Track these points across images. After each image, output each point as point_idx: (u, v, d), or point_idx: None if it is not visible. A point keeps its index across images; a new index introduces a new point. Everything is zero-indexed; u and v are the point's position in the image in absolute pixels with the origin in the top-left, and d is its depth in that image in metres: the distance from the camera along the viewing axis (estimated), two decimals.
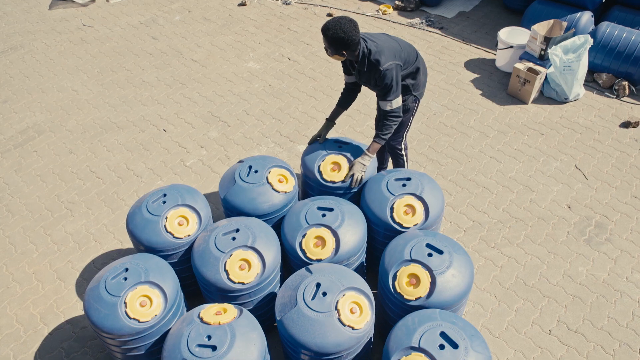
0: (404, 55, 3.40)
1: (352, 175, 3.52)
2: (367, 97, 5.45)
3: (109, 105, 5.63)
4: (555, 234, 4.14)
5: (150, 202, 3.39)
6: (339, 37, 3.13)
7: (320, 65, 6.01)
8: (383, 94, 3.38)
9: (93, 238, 4.27)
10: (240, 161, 3.63)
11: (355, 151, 3.62)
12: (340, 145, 3.65)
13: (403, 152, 4.04)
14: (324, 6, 7.13)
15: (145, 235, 3.29)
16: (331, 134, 5.01)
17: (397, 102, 3.40)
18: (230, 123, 5.29)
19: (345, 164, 3.55)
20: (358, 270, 3.37)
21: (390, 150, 4.06)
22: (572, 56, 5.17)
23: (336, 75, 5.82)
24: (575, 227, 4.19)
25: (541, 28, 5.42)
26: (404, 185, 3.36)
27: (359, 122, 5.20)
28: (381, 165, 4.41)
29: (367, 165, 3.54)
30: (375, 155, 3.63)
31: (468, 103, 5.41)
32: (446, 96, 5.51)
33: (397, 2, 6.97)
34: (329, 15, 6.88)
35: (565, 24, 5.46)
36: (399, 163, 4.12)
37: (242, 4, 7.31)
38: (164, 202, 3.38)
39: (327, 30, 3.14)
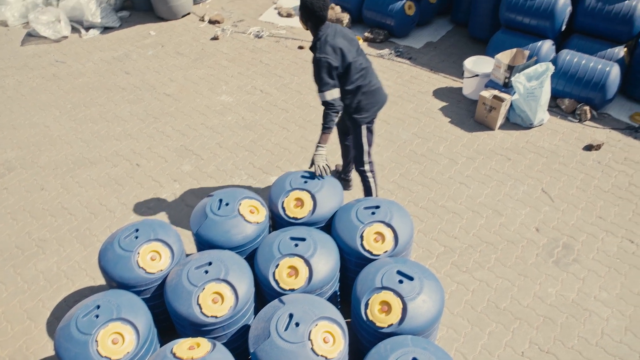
0: (345, 64, 3.61)
1: (317, 167, 3.73)
2: None
3: (82, 140, 5.63)
4: (525, 256, 4.23)
5: (122, 237, 3.38)
6: (305, 4, 3.53)
7: (292, 97, 6.11)
8: (316, 84, 3.65)
9: (65, 276, 4.23)
10: (210, 195, 3.66)
11: (321, 185, 3.66)
12: (305, 180, 3.70)
13: (368, 174, 4.21)
14: (295, 39, 7.28)
15: (117, 271, 3.28)
16: (297, 168, 5.09)
17: (328, 95, 3.59)
18: (204, 156, 5.32)
19: (309, 200, 3.59)
20: (331, 299, 3.39)
21: (358, 174, 4.22)
22: (535, 83, 5.36)
23: (308, 106, 5.92)
24: (544, 249, 4.29)
25: (505, 57, 5.62)
26: (373, 213, 3.42)
27: (330, 153, 5.28)
28: (346, 167, 4.71)
29: (324, 154, 3.74)
30: (326, 144, 3.78)
31: (437, 131, 5.54)
32: (416, 124, 5.64)
33: (366, 34, 7.16)
34: (301, 47, 7.03)
35: (527, 52, 5.67)
36: (366, 185, 4.29)
37: (215, 38, 7.42)
38: (136, 237, 3.38)
39: None
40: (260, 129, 5.65)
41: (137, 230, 3.43)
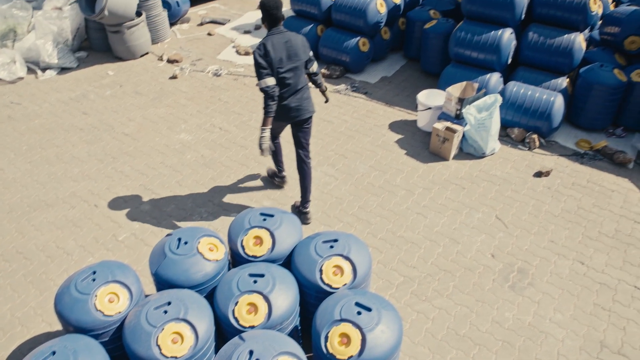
0: (273, 64, 4.16)
1: (261, 148, 4.27)
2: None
3: (38, 182, 5.55)
4: (482, 282, 4.35)
5: (79, 280, 3.34)
6: (261, 4, 4.13)
7: (252, 134, 6.19)
8: None
9: (19, 322, 4.12)
10: (169, 234, 3.66)
11: (279, 223, 3.71)
12: (264, 218, 3.75)
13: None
14: (253, 76, 7.41)
15: (74, 315, 3.22)
16: (257, 205, 5.13)
17: (262, 84, 4.17)
18: (163, 195, 5.32)
19: (267, 238, 3.63)
20: (292, 334, 3.41)
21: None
22: (485, 114, 5.59)
23: None
24: (500, 274, 4.41)
25: (455, 90, 5.85)
26: (331, 247, 3.49)
27: (291, 187, 5.35)
28: (278, 166, 5.21)
29: (267, 135, 4.26)
30: (263, 124, 4.29)
31: (394, 163, 5.69)
32: (373, 157, 5.78)
33: (323, 71, 7.35)
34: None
35: (476, 84, 5.92)
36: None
37: (174, 77, 7.48)
38: (94, 280, 3.35)
39: None
40: (219, 167, 5.68)
41: (94, 272, 3.39)
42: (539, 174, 5.51)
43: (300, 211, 4.94)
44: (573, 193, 5.28)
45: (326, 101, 4.94)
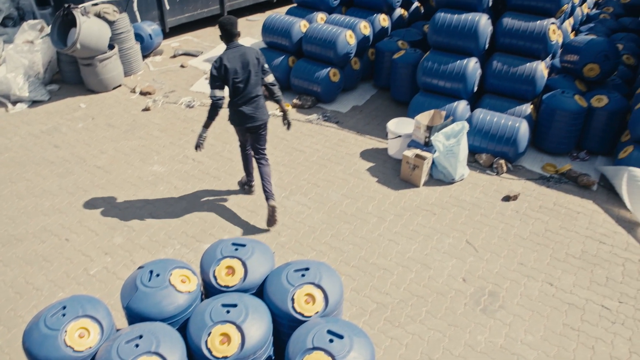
0: (225, 79, 4.78)
1: (197, 145, 4.97)
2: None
3: (7, 217, 5.47)
4: (454, 306, 4.41)
5: (48, 316, 3.30)
6: (219, 22, 4.77)
7: (224, 165, 6.23)
8: None
9: None
10: (140, 267, 3.65)
11: (251, 252, 3.73)
12: (236, 248, 3.77)
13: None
14: (226, 107, 7.46)
15: (43, 352, 3.17)
16: (230, 235, 5.15)
17: (211, 93, 4.83)
18: (136, 227, 5.29)
19: (240, 268, 3.64)
20: None
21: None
22: (453, 141, 5.74)
23: (240, 173, 6.04)
24: (471, 298, 4.49)
25: (423, 118, 6.01)
26: (303, 275, 3.51)
27: (263, 217, 5.38)
28: (248, 177, 5.63)
29: (204, 135, 4.98)
30: (204, 125, 5.00)
31: (365, 190, 5.78)
32: (345, 186, 5.86)
33: (295, 101, 7.46)
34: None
35: (444, 112, 6.09)
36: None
37: (146, 109, 7.51)
38: (64, 315, 3.30)
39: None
40: (192, 198, 5.69)
41: (64, 307, 3.35)
42: (507, 198, 5.65)
43: (271, 207, 5.15)
44: (540, 216, 5.42)
45: (288, 127, 5.19)
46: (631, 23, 8.94)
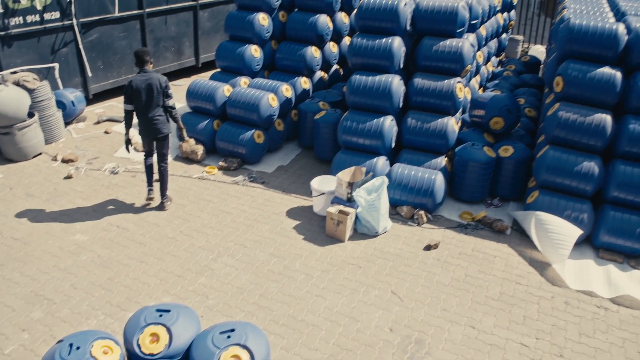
0: (133, 96, 6.01)
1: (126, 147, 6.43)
2: (190, 260, 5.68)
3: None
4: (382, 357, 4.50)
5: None
6: (135, 51, 6.09)
7: (150, 230, 6.17)
8: None
9: None
10: (60, 341, 3.53)
11: (176, 317, 3.70)
12: (160, 314, 3.73)
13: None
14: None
15: None
16: (157, 301, 5.08)
17: (124, 106, 6.12)
18: (56, 300, 5.10)
19: (164, 334, 3.61)
20: None
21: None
22: (374, 196, 5.99)
23: (166, 237, 6.01)
24: (398, 347, 4.60)
25: (345, 175, 6.25)
26: (228, 337, 3.52)
27: (190, 281, 5.35)
28: (148, 186, 6.65)
29: (126, 137, 6.37)
30: (125, 131, 6.37)
31: (292, 248, 5.88)
32: (272, 245, 5.94)
33: (220, 163, 7.56)
34: (157, 180, 7.19)
35: (364, 169, 6.37)
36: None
37: (69, 177, 7.36)
38: None
39: None
40: (117, 265, 5.58)
41: None
42: (428, 247, 5.91)
43: (162, 203, 6.57)
44: (460, 262, 5.70)
45: (181, 140, 6.80)
46: (531, 79, 9.80)
